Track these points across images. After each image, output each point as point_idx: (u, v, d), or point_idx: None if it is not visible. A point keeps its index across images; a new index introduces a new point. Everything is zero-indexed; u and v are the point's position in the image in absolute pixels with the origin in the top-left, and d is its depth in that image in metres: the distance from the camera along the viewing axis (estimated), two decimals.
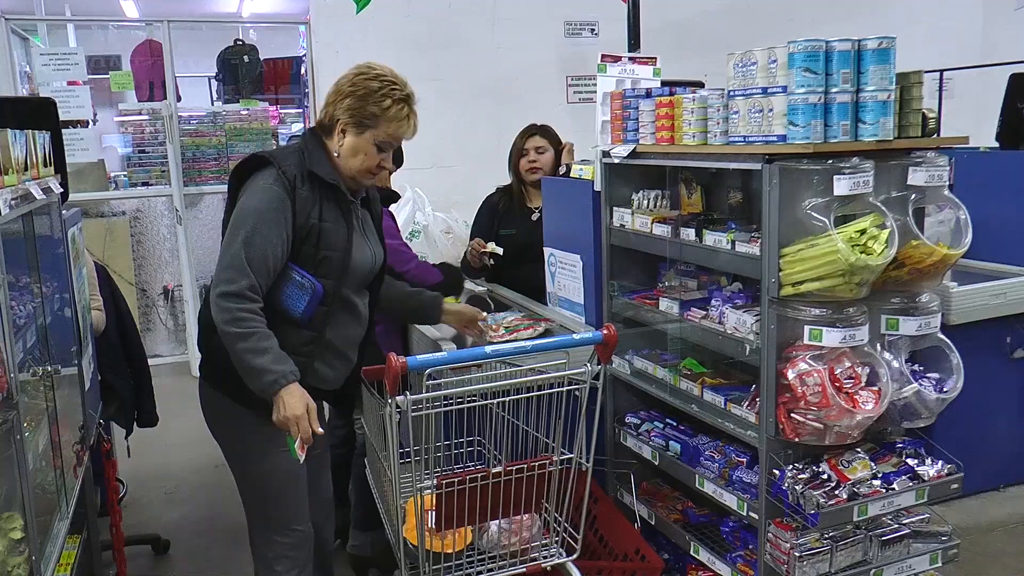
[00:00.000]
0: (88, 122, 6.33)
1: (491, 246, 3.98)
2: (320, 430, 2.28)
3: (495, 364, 2.46)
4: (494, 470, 2.27)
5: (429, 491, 2.23)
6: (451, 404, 2.30)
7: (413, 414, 2.13)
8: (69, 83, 6.27)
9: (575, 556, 2.43)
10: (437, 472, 2.43)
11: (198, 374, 2.53)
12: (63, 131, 3.13)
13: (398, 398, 2.10)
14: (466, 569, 2.36)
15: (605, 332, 2.26)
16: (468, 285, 4.13)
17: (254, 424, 2.38)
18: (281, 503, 2.48)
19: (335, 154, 2.40)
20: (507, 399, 2.34)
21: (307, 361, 2.38)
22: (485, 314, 3.09)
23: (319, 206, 2.35)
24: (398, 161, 3.46)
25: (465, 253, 4.17)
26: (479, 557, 2.39)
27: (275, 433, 2.32)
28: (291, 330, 2.34)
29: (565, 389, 2.29)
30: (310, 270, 2.34)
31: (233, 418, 2.42)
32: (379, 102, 2.35)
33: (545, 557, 2.42)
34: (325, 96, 2.45)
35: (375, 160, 2.41)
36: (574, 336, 2.38)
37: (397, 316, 3.19)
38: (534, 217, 4.02)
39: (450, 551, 2.34)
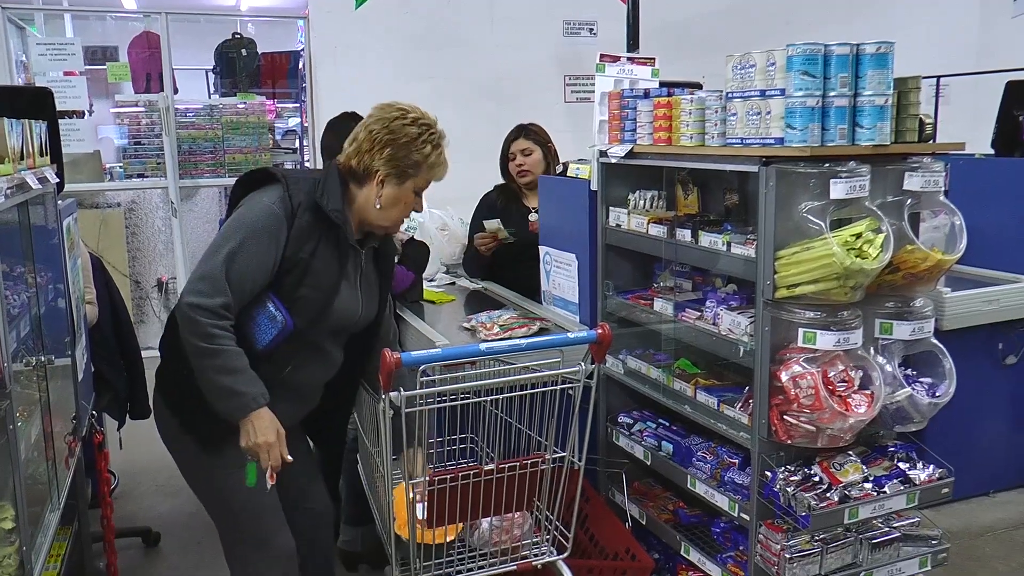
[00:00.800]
0: (84, 113, 6.31)
1: (495, 225, 3.96)
2: (289, 458, 2.20)
3: (489, 362, 2.46)
4: (486, 468, 2.27)
5: (419, 485, 2.23)
6: (444, 401, 2.30)
7: (407, 410, 2.13)
8: (66, 73, 6.25)
9: (566, 555, 2.43)
10: (429, 469, 2.43)
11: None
12: (59, 121, 3.12)
13: (392, 394, 2.10)
14: (457, 566, 2.36)
15: (599, 331, 2.26)
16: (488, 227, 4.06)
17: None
18: (252, 517, 2.35)
19: (376, 206, 2.30)
20: (500, 397, 2.34)
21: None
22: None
23: (316, 242, 2.24)
24: None
25: (470, 249, 4.15)
26: (470, 554, 2.40)
27: (230, 449, 2.22)
28: (248, 359, 2.20)
29: (559, 388, 2.29)
30: (286, 304, 2.22)
31: (187, 434, 2.31)
32: (421, 149, 2.26)
33: (536, 555, 2.42)
34: (354, 142, 2.32)
35: (412, 205, 2.35)
36: (568, 335, 2.38)
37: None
38: (532, 217, 4.02)
39: (440, 541, 2.34)
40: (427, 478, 2.22)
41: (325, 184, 2.27)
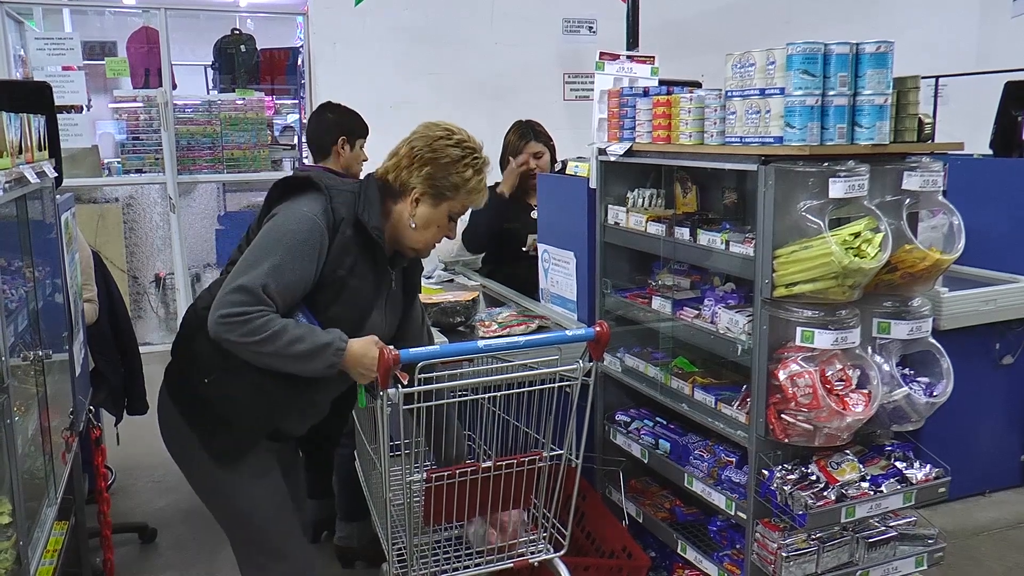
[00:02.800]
0: (82, 108, 6.30)
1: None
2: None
3: (487, 359, 2.46)
4: (484, 465, 2.27)
5: (419, 485, 2.23)
6: (442, 398, 2.30)
7: (404, 407, 2.13)
8: (64, 68, 6.23)
9: (562, 552, 2.43)
10: (427, 466, 2.43)
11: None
12: (57, 116, 3.11)
13: (389, 391, 2.09)
14: (453, 563, 2.36)
15: (598, 329, 2.26)
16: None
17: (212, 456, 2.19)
18: (270, 530, 2.29)
19: (411, 225, 2.22)
20: (498, 394, 2.34)
21: (283, 410, 2.22)
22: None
23: (354, 258, 2.15)
24: (364, 132, 3.48)
25: (474, 217, 4.09)
26: (467, 551, 2.40)
27: (249, 457, 2.20)
28: (272, 372, 2.13)
29: (556, 385, 2.29)
30: (318, 319, 2.14)
31: (192, 447, 2.21)
32: (461, 172, 2.19)
33: (532, 553, 2.42)
34: (396, 157, 2.24)
35: (446, 231, 2.27)
36: (567, 332, 2.37)
37: None
38: (533, 215, 4.02)
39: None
40: (425, 475, 2.22)
41: (365, 198, 2.18)
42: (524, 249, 4.01)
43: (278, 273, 2.04)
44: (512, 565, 2.38)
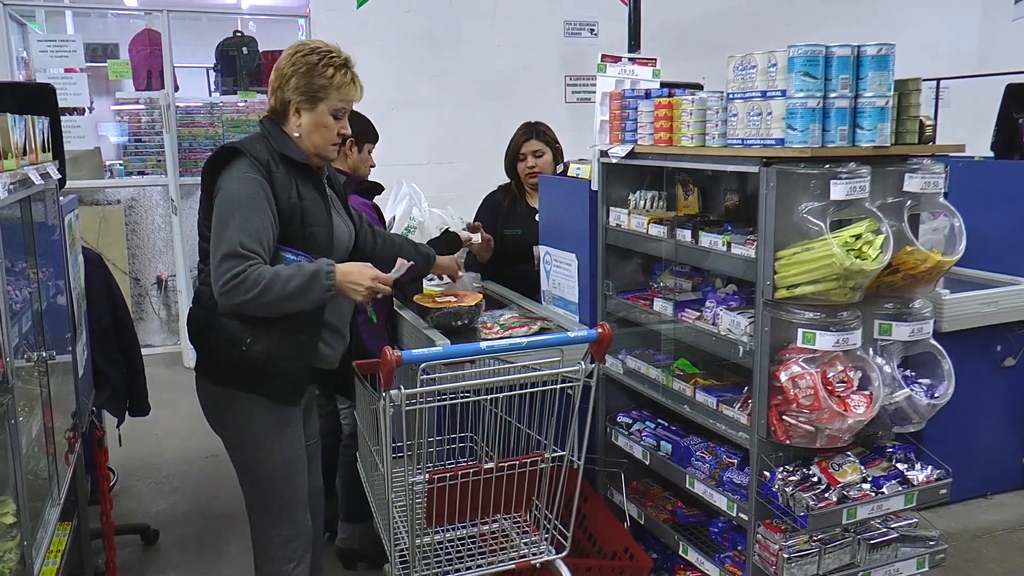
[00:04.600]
0: (85, 110, 6.32)
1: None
2: (391, 277, 2.47)
3: (489, 361, 2.47)
4: (486, 466, 2.28)
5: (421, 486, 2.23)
6: (444, 400, 2.31)
7: (407, 408, 2.14)
8: (66, 70, 6.25)
9: (564, 554, 2.44)
10: (429, 467, 2.43)
11: (192, 367, 2.52)
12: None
13: (392, 392, 2.10)
14: (456, 564, 2.37)
15: (599, 331, 2.26)
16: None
17: (259, 411, 2.41)
18: (286, 491, 2.49)
19: (296, 135, 2.44)
20: (500, 396, 2.34)
21: (311, 341, 2.42)
22: (461, 273, 3.28)
23: (295, 186, 2.40)
24: (374, 137, 3.49)
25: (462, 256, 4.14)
26: (468, 552, 2.40)
27: (282, 417, 2.42)
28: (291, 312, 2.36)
29: (558, 387, 2.30)
30: (300, 248, 2.38)
31: (235, 409, 2.43)
32: (323, 72, 2.41)
33: (534, 554, 2.43)
34: (269, 85, 2.49)
35: (335, 130, 2.48)
36: (569, 334, 2.38)
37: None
38: (538, 217, 4.02)
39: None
40: (427, 476, 2.23)
41: (273, 137, 2.43)
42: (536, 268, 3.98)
43: (244, 228, 2.26)
44: (514, 566, 2.39)
